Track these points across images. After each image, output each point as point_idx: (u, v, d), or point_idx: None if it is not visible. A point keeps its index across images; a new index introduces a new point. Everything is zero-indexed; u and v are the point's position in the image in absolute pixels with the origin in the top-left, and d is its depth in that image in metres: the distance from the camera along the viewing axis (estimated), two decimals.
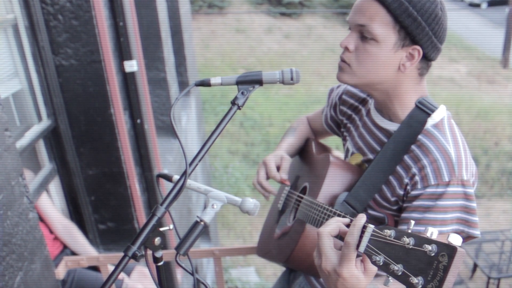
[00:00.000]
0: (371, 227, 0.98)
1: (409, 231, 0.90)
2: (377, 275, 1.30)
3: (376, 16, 1.28)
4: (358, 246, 0.98)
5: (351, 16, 1.34)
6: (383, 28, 1.28)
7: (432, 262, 0.82)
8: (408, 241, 0.87)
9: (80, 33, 2.48)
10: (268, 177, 1.64)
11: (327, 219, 1.18)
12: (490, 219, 8.01)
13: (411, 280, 0.84)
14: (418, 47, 1.30)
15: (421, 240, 0.86)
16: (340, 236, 1.06)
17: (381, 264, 0.91)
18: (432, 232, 0.87)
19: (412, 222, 0.91)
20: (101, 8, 2.48)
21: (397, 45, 1.29)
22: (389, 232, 0.92)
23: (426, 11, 1.27)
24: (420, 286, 0.82)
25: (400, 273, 0.87)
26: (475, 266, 5.97)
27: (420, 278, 0.83)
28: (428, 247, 0.83)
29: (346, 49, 1.35)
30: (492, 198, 8.91)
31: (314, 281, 1.62)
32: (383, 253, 0.92)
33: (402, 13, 1.26)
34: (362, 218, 1.01)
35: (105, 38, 2.52)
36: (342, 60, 1.38)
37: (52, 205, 2.61)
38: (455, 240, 0.82)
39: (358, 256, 0.99)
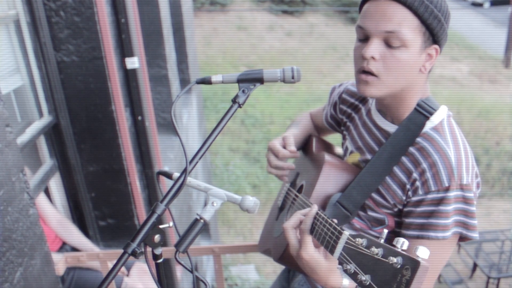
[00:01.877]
0: (346, 234, 0.97)
1: (382, 241, 0.89)
2: None
3: (404, 21, 1.23)
4: (333, 252, 1.02)
5: (371, 23, 1.26)
6: (412, 32, 1.24)
7: (396, 275, 0.82)
8: (377, 251, 0.87)
9: (81, 29, 2.48)
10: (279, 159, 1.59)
11: (315, 222, 1.19)
12: (490, 219, 8.01)
13: None
14: (436, 46, 1.30)
15: (389, 251, 0.86)
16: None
17: (351, 272, 0.91)
18: (403, 243, 0.86)
19: (385, 231, 0.92)
20: (103, 4, 2.48)
21: (422, 47, 1.28)
22: (361, 241, 0.92)
23: (444, 10, 1.27)
24: None
25: (367, 284, 0.87)
26: (475, 265, 5.97)
27: None
28: (394, 260, 0.83)
29: (372, 58, 1.28)
30: (492, 198, 8.90)
31: (313, 279, 1.62)
32: (354, 262, 0.92)
33: (430, 16, 1.24)
34: (313, 208, 1.19)
35: (107, 34, 2.52)
36: (367, 72, 1.30)
37: (47, 201, 2.62)
38: (422, 253, 0.82)
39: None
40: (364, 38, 1.31)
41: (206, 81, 1.20)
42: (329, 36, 15.61)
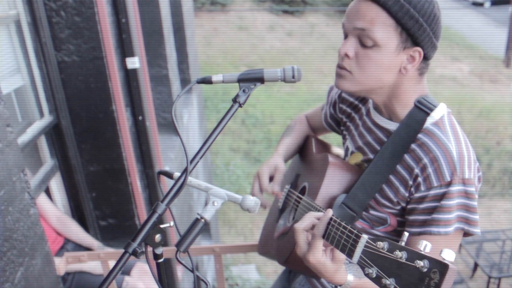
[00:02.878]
0: (364, 237, 0.98)
1: (403, 244, 0.89)
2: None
3: (377, 20, 1.24)
4: (351, 256, 1.00)
5: (347, 20, 1.30)
6: (385, 31, 1.24)
7: (423, 279, 0.82)
8: (401, 255, 0.87)
9: (82, 29, 2.48)
10: (261, 191, 1.65)
11: (328, 227, 1.19)
12: (491, 219, 8.00)
13: None
14: (419, 49, 1.28)
15: (414, 254, 0.85)
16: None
17: (374, 276, 0.91)
18: (426, 245, 0.86)
19: (406, 234, 0.92)
20: (104, 4, 2.48)
21: (398, 48, 1.27)
22: (382, 245, 0.92)
23: (425, 12, 1.24)
24: None
25: (392, 287, 0.87)
26: (476, 265, 5.97)
27: None
28: (420, 263, 0.83)
29: (346, 55, 1.31)
30: (493, 198, 8.89)
31: (314, 281, 1.62)
32: (375, 265, 0.92)
33: (404, 16, 1.23)
34: (328, 212, 1.14)
35: (107, 34, 2.52)
36: (342, 67, 1.34)
37: (46, 199, 2.63)
38: (448, 256, 0.82)
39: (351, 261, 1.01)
40: (345, 36, 1.34)
41: (206, 81, 1.20)
42: (330, 36, 15.61)
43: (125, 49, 2.78)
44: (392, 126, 1.40)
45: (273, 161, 1.68)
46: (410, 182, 1.31)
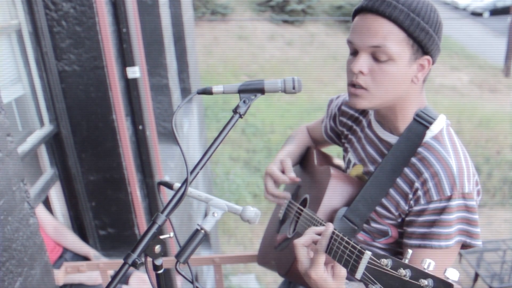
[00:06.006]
0: (368, 254, 0.97)
1: (406, 261, 0.90)
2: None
3: (390, 35, 1.24)
4: (355, 272, 1.00)
5: (358, 38, 1.28)
6: (399, 45, 1.25)
7: None
8: (405, 272, 0.87)
9: (83, 39, 2.49)
10: (277, 185, 1.60)
11: (330, 241, 1.18)
12: (491, 228, 7.98)
13: None
14: (428, 57, 1.30)
15: (418, 273, 0.86)
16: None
17: None
18: (430, 263, 0.87)
19: (410, 251, 0.92)
20: (105, 14, 2.49)
21: (411, 59, 1.28)
22: (386, 262, 0.92)
23: (433, 21, 1.27)
24: None
25: None
26: (477, 275, 5.94)
27: None
28: (425, 282, 0.83)
29: (361, 73, 1.29)
30: (494, 207, 8.88)
31: None
32: (379, 282, 0.92)
33: (416, 29, 1.24)
34: (329, 227, 1.14)
35: (108, 44, 2.53)
36: (357, 86, 1.32)
37: (43, 208, 2.63)
38: (452, 275, 0.83)
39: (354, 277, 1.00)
40: (354, 52, 1.32)
41: (207, 92, 1.20)
42: (330, 45, 15.68)
43: (125, 58, 2.79)
44: (392, 139, 1.41)
45: (277, 158, 1.65)
46: (410, 195, 1.32)
